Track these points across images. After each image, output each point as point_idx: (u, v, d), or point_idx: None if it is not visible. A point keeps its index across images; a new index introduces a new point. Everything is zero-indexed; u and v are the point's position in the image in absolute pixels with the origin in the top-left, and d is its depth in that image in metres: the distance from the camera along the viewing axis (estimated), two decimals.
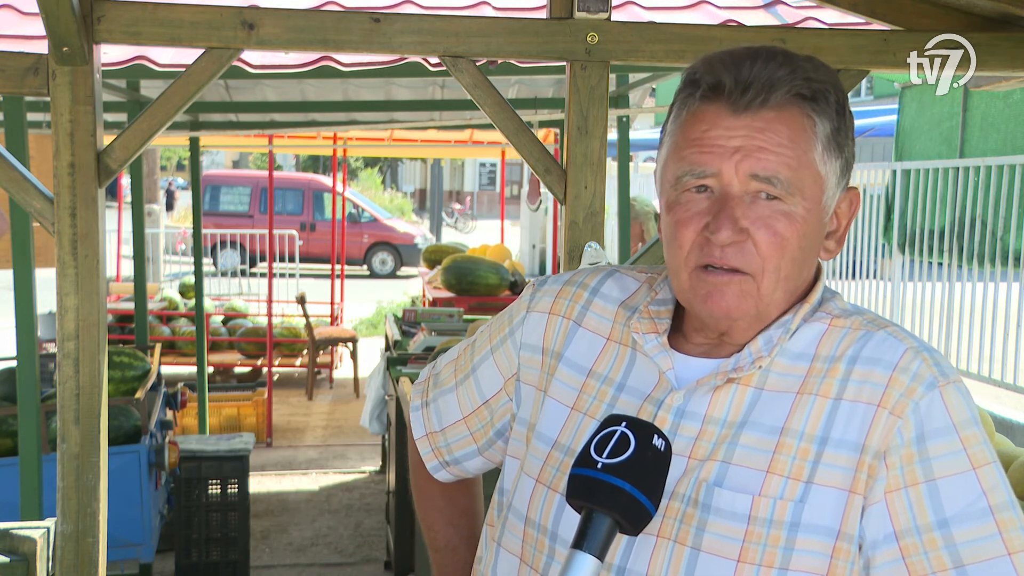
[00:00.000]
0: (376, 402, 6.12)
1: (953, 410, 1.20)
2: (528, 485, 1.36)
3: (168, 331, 9.60)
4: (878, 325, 1.27)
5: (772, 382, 1.25)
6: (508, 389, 1.45)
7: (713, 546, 1.20)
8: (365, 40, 2.54)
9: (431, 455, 1.55)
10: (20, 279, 3.40)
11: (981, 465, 1.19)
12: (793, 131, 1.22)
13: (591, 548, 1.12)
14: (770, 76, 1.22)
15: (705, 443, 1.24)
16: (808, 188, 1.23)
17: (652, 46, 2.62)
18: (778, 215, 1.22)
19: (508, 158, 12.17)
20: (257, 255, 15.82)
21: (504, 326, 1.47)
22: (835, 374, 1.23)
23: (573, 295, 1.42)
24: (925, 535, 1.18)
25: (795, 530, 1.18)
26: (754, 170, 1.21)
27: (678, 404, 1.27)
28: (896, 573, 1.19)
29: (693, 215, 1.24)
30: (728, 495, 1.20)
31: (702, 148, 1.23)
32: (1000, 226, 6.53)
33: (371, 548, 5.92)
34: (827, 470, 1.19)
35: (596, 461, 1.14)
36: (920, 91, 7.79)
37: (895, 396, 1.20)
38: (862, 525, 1.19)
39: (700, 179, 1.23)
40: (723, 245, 1.22)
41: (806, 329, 1.28)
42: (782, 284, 1.24)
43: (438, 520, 1.62)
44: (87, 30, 2.38)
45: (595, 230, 2.63)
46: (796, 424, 1.22)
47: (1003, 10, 2.63)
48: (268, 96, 7.13)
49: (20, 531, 2.47)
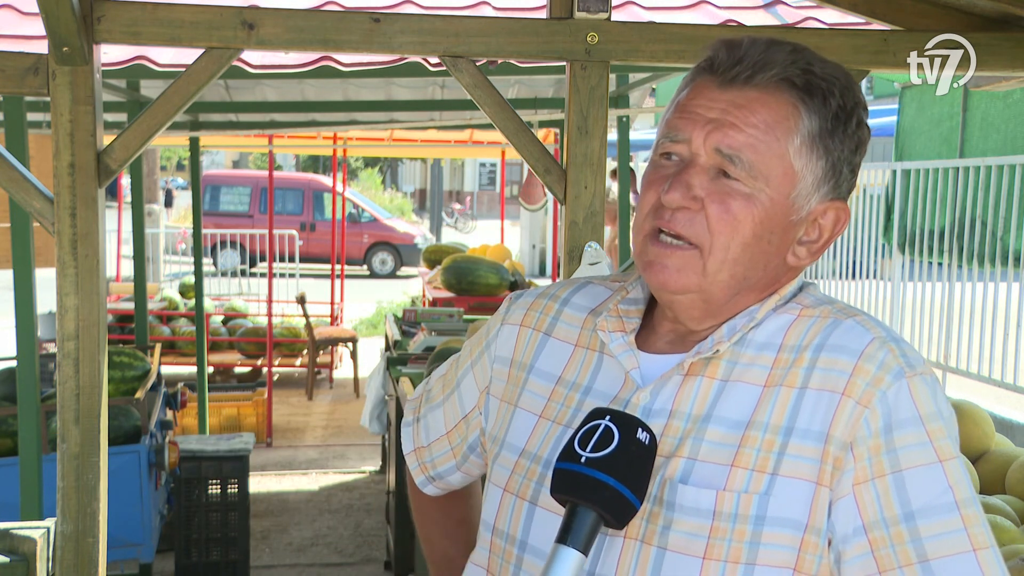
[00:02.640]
0: (376, 402, 6.11)
1: (920, 402, 1.18)
2: (495, 495, 1.34)
3: (168, 331, 9.60)
4: (847, 314, 1.25)
5: (737, 373, 1.24)
6: (480, 403, 1.44)
7: (679, 544, 1.18)
8: (365, 40, 2.54)
9: (418, 470, 1.56)
10: (20, 279, 3.40)
11: (947, 459, 1.18)
12: (773, 115, 1.21)
13: (575, 542, 1.12)
14: (766, 58, 1.22)
15: (671, 439, 1.22)
16: (774, 178, 1.21)
17: (652, 46, 2.62)
18: (736, 194, 1.21)
19: (508, 158, 12.17)
20: (257, 255, 15.81)
21: (482, 340, 1.47)
22: (801, 363, 1.22)
23: (544, 307, 1.41)
24: (892, 528, 1.16)
25: (761, 523, 1.17)
26: (719, 144, 1.21)
27: (645, 402, 1.25)
28: (866, 566, 1.17)
29: (658, 178, 1.24)
30: (692, 492, 1.19)
31: (683, 115, 1.24)
32: (1000, 226, 6.52)
33: (371, 548, 5.92)
34: (793, 461, 1.18)
35: (580, 455, 1.13)
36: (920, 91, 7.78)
37: (861, 385, 1.18)
38: (831, 520, 1.17)
39: (673, 143, 1.24)
40: (673, 208, 1.21)
41: (774, 319, 1.26)
42: (728, 266, 1.22)
43: (434, 532, 1.62)
44: (87, 30, 2.39)
45: (595, 230, 2.64)
46: (761, 416, 1.20)
47: (1003, 10, 2.63)
48: (268, 96, 7.13)
49: (20, 531, 2.47)
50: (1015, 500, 2.87)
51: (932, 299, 7.39)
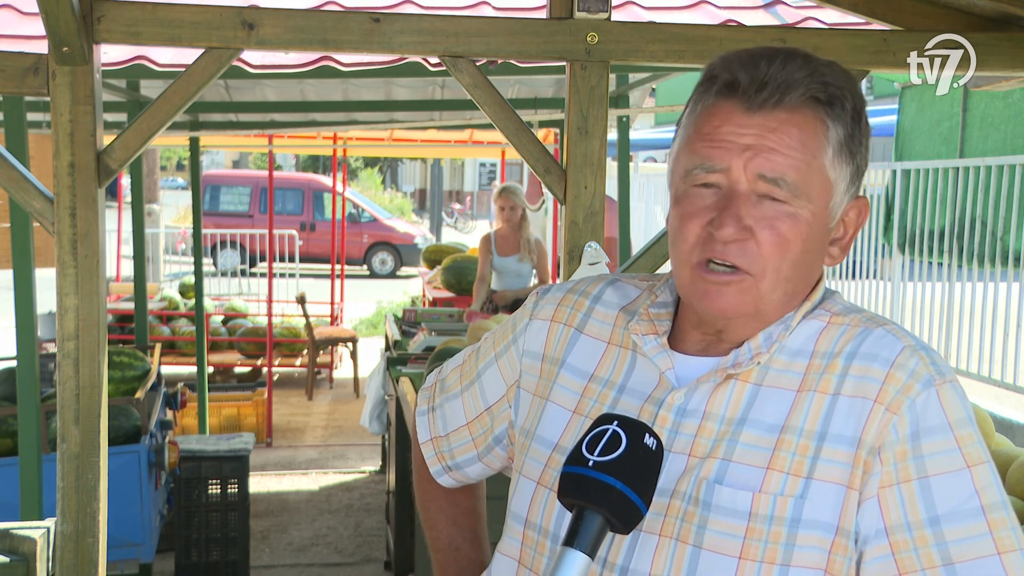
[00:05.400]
0: (376, 402, 6.11)
1: (949, 409, 1.20)
2: (528, 488, 1.36)
3: (168, 331, 9.59)
4: (876, 323, 1.28)
5: (771, 378, 1.26)
6: (509, 396, 1.46)
7: (715, 543, 1.20)
8: (365, 40, 2.54)
9: (435, 459, 1.57)
10: (20, 279, 3.40)
11: (975, 464, 1.20)
12: (805, 134, 1.22)
13: (582, 545, 1.12)
14: (787, 77, 1.22)
15: (705, 440, 1.25)
16: (815, 192, 1.24)
17: (652, 46, 2.62)
18: (783, 216, 1.22)
19: (508, 158, 12.16)
20: (257, 255, 15.81)
21: (508, 333, 1.49)
22: (833, 370, 1.24)
23: (575, 303, 1.43)
24: (916, 532, 1.18)
25: (796, 526, 1.19)
26: (762, 170, 1.22)
27: (679, 403, 1.27)
28: (886, 568, 1.19)
29: (699, 210, 1.24)
30: (728, 492, 1.21)
31: (713, 143, 1.23)
32: (1000, 226, 6.53)
33: (371, 548, 5.92)
34: (826, 465, 1.20)
35: (587, 459, 1.14)
36: (920, 91, 7.79)
37: (891, 392, 1.20)
38: (857, 520, 1.19)
39: (709, 173, 1.24)
40: (726, 242, 1.22)
41: (805, 326, 1.28)
42: (781, 285, 1.25)
43: (441, 520, 1.62)
44: (87, 30, 2.38)
45: (595, 230, 2.64)
46: (796, 420, 1.22)
47: (1003, 10, 2.63)
48: (268, 96, 7.13)
49: (20, 531, 2.47)
50: (1015, 500, 2.87)
51: (932, 299, 7.39)
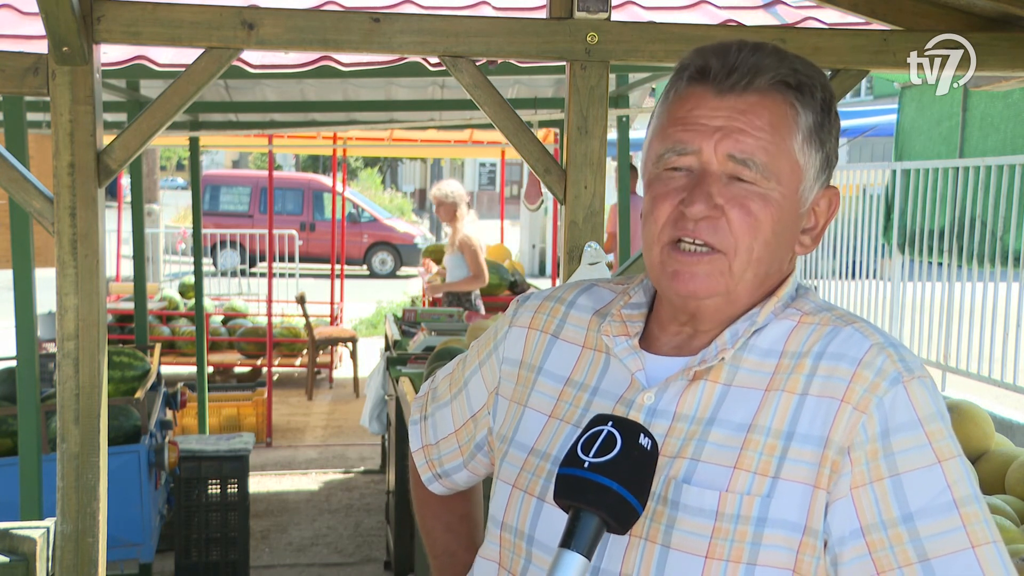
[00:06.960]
0: (376, 402, 6.11)
1: (918, 404, 1.21)
2: (504, 491, 1.37)
3: (168, 331, 9.59)
4: (846, 321, 1.28)
5: (741, 378, 1.26)
6: (489, 403, 1.48)
7: (682, 543, 1.21)
8: (365, 40, 2.54)
9: (425, 467, 1.59)
10: (20, 279, 3.40)
11: (946, 459, 1.20)
12: (775, 116, 1.25)
13: (579, 547, 1.13)
14: (757, 62, 1.25)
15: (675, 440, 1.25)
16: (785, 175, 1.26)
17: (652, 46, 2.62)
18: (753, 196, 1.24)
19: (508, 158, 12.17)
20: (257, 255, 15.81)
21: (490, 341, 1.51)
22: (801, 369, 1.25)
23: (551, 310, 1.45)
24: (891, 530, 1.18)
25: (762, 525, 1.19)
26: (732, 151, 1.24)
27: (649, 403, 1.28)
28: (863, 568, 1.19)
29: (671, 191, 1.27)
30: (696, 491, 1.21)
31: (686, 126, 1.26)
32: (1000, 226, 6.53)
33: (371, 548, 5.92)
34: (793, 465, 1.20)
35: (583, 460, 1.15)
36: (920, 91, 7.80)
37: (859, 391, 1.21)
38: (827, 521, 1.19)
39: (681, 156, 1.26)
40: (696, 219, 1.24)
41: (775, 326, 1.29)
42: (753, 266, 1.26)
43: (436, 526, 1.64)
44: (87, 30, 2.39)
45: (595, 230, 2.64)
46: (763, 420, 1.23)
47: (1003, 10, 2.63)
48: (268, 96, 7.13)
49: (20, 531, 2.47)
50: (1015, 500, 2.87)
51: (932, 299, 7.39)
